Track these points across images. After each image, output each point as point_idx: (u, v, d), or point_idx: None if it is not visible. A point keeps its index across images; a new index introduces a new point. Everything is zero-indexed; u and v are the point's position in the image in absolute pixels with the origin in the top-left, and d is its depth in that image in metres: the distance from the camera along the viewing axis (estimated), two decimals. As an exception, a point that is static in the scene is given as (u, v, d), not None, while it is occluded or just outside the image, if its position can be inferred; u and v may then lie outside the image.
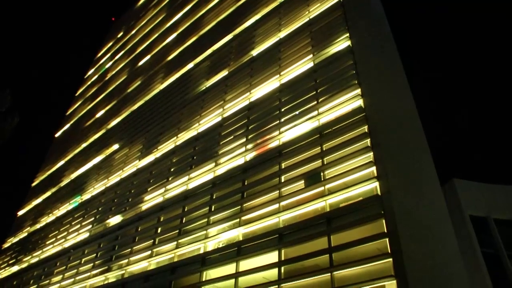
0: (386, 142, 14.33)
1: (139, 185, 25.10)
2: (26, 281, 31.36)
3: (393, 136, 15.86)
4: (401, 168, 15.01)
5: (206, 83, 25.81)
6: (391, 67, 20.30)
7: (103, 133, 37.29)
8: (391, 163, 13.79)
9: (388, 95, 18.38)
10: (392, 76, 20.42)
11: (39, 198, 42.22)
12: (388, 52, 20.10)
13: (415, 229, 13.27)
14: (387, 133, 15.00)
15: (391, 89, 19.58)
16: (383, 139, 13.92)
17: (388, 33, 20.93)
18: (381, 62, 18.87)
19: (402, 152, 16.39)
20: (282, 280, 13.27)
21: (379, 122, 14.37)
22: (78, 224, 28.91)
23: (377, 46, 19.19)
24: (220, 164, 19.41)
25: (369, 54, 17.46)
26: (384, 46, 20.12)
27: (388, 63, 20.41)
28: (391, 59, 20.61)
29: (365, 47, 17.37)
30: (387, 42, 20.35)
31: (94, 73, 55.97)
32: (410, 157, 17.42)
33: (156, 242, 20.03)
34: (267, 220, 15.18)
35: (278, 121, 17.81)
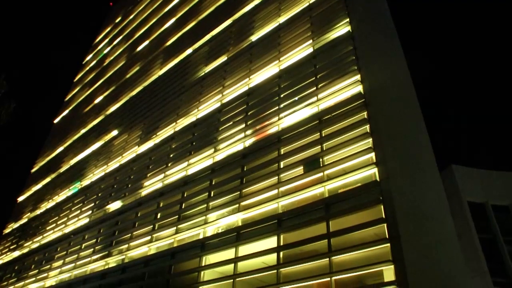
0: (385, 128, 14.32)
1: (139, 171, 25.15)
2: (27, 266, 31.65)
3: (392, 122, 15.83)
4: (400, 154, 15.01)
5: (205, 68, 25.66)
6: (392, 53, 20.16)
7: (102, 119, 37.21)
8: (390, 149, 13.79)
9: (388, 81, 18.29)
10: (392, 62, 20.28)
11: (39, 184, 42.33)
12: (389, 38, 19.94)
13: (413, 215, 13.34)
14: (386, 119, 14.97)
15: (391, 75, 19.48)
16: (382, 125, 13.91)
17: (389, 19, 20.72)
18: (381, 48, 18.74)
19: (401, 138, 16.38)
20: (281, 264, 13.40)
21: (378, 108, 14.34)
22: (78, 209, 29.05)
23: (377, 31, 19.03)
24: (219, 150, 19.42)
25: (370, 39, 17.33)
26: (384, 32, 19.95)
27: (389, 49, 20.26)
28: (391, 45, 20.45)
29: (366, 32, 17.23)
30: (387, 28, 20.17)
31: (92, 59, 55.57)
32: (409, 143, 17.43)
33: (156, 228, 20.17)
34: (266, 205, 15.27)
35: (277, 107, 17.76)
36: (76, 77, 58.02)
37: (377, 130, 13.43)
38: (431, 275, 12.66)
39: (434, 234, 15.31)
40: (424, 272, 12.03)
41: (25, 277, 30.39)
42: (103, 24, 62.46)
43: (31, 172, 48.48)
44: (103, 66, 48.02)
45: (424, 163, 18.85)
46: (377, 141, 13.16)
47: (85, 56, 60.39)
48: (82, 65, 58.99)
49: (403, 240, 10.92)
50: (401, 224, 11.29)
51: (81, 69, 58.14)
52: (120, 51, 45.50)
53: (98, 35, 60.82)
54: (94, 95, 44.18)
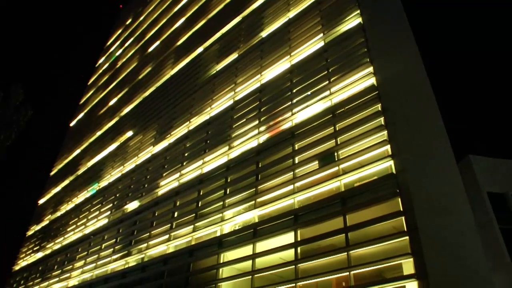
0: (400, 120, 14.16)
1: (154, 170, 25.39)
2: (50, 266, 32.30)
3: (407, 114, 15.65)
4: (415, 145, 14.85)
5: (216, 66, 25.71)
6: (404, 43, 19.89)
7: (117, 121, 37.62)
8: (406, 141, 13.65)
9: (401, 72, 18.06)
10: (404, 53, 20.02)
11: (58, 186, 43.08)
12: (400, 28, 19.68)
13: (431, 207, 13.19)
14: (400, 111, 14.80)
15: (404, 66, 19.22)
16: (396, 117, 13.77)
17: (400, 9, 20.44)
18: (393, 38, 18.51)
19: (416, 129, 16.18)
20: (298, 260, 13.41)
21: (392, 99, 14.19)
22: (97, 210, 29.50)
23: (388, 22, 18.82)
24: (233, 147, 19.48)
25: (381, 30, 17.14)
26: (396, 22, 19.70)
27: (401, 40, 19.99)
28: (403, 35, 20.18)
29: (377, 23, 17.05)
30: (399, 18, 19.90)
31: (105, 62, 56.17)
32: (424, 134, 17.21)
33: (173, 226, 20.35)
34: (282, 201, 15.27)
35: (290, 102, 17.71)
36: (90, 80, 58.73)
37: (392, 122, 13.29)
38: (451, 268, 12.51)
39: (453, 226, 15.12)
40: (444, 264, 11.90)
41: (49, 277, 31.03)
42: (114, 27, 63.04)
43: (50, 175, 49.36)
44: (116, 68, 48.49)
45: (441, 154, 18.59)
46: (392, 133, 13.03)
47: (98, 59, 61.06)
48: (95, 68, 59.66)
49: (422, 233, 10.82)
50: (419, 216, 11.19)
51: (95, 72, 58.82)
52: (132, 53, 45.89)
53: (110, 38, 61.41)
54: (108, 97, 44.68)
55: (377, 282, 11.30)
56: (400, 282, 10.73)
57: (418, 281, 10.18)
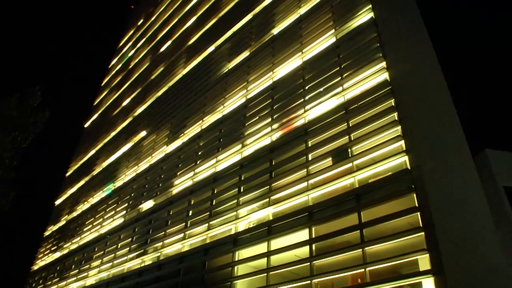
0: (414, 115, 14.03)
1: (168, 170, 25.60)
2: (68, 266, 32.83)
3: (421, 108, 15.50)
4: (430, 140, 14.70)
5: (228, 65, 25.78)
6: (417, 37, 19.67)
7: (131, 121, 38.00)
8: (420, 136, 13.52)
9: (415, 67, 17.89)
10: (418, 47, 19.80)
11: (74, 187, 43.72)
12: (413, 22, 19.48)
13: (447, 202, 13.06)
14: (415, 106, 14.67)
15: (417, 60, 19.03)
16: (411, 112, 13.64)
17: (413, 2, 20.23)
18: (406, 32, 18.32)
19: (431, 124, 16.02)
20: (313, 257, 13.40)
21: (406, 94, 14.06)
22: (113, 210, 29.87)
23: (401, 16, 18.63)
24: (246, 145, 19.53)
25: (394, 25, 16.99)
26: (408, 16, 19.51)
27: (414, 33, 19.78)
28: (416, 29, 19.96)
29: (389, 18, 16.89)
30: (411, 12, 19.71)
31: (117, 63, 56.73)
32: (439, 129, 17.02)
33: (188, 225, 20.51)
34: (296, 198, 15.26)
35: (303, 99, 17.67)
36: (103, 81, 59.40)
37: (405, 117, 13.16)
38: (468, 264, 12.37)
39: (469, 221, 14.94)
40: (460, 260, 11.77)
41: (66, 277, 31.55)
42: (126, 27, 63.62)
43: (66, 176, 50.11)
44: (129, 69, 48.95)
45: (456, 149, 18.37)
46: (406, 128, 12.91)
47: (111, 60, 61.70)
48: (108, 69, 60.30)
49: (438, 228, 10.71)
50: (435, 212, 11.08)
51: (108, 73, 59.46)
52: (144, 53, 46.26)
53: (122, 39, 62.00)
54: (122, 98, 45.13)
55: (393, 278, 11.23)
56: (416, 278, 10.65)
57: (434, 277, 10.08)
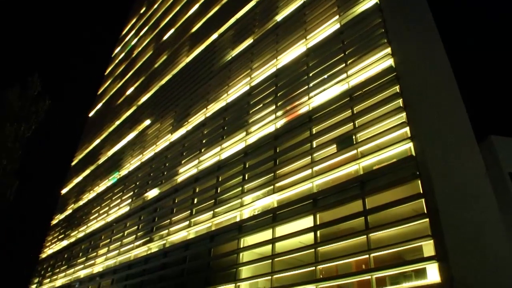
0: (419, 101, 13.97)
1: (173, 158, 25.69)
2: (75, 254, 33.23)
3: (426, 95, 15.42)
4: (435, 127, 14.65)
5: (231, 52, 25.64)
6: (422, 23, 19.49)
7: (135, 110, 38.03)
8: (425, 123, 13.48)
9: (420, 53, 17.74)
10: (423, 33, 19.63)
11: (80, 176, 44.01)
12: (418, 8, 19.27)
13: (452, 189, 13.07)
14: (420, 92, 14.59)
15: (422, 46, 18.87)
16: (416, 99, 13.57)
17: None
18: (411, 18, 18.14)
19: (436, 110, 15.95)
20: (318, 243, 13.49)
21: (411, 81, 13.97)
22: (119, 198, 30.09)
23: (406, 1, 18.41)
24: (251, 133, 19.53)
25: (398, 10, 16.80)
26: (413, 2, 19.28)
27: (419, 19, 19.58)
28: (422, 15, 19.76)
29: (394, 3, 16.68)
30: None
31: (121, 51, 56.55)
32: (444, 116, 16.95)
33: (193, 213, 20.65)
34: (300, 185, 15.31)
35: (307, 86, 17.59)
36: (107, 70, 59.31)
37: (410, 104, 13.09)
38: (472, 250, 12.43)
39: (474, 207, 14.96)
40: (465, 246, 11.82)
41: (74, 264, 31.96)
42: (129, 16, 63.22)
43: (71, 165, 50.41)
44: (132, 57, 48.81)
45: (461, 135, 18.31)
46: (411, 115, 12.84)
47: (114, 48, 61.50)
48: (112, 58, 60.15)
49: (442, 215, 10.73)
50: (439, 198, 11.09)
51: (111, 62, 59.33)
52: (147, 42, 46.05)
53: (125, 27, 61.67)
54: (125, 86, 45.10)
55: (397, 264, 11.31)
56: (420, 264, 10.71)
57: (438, 263, 10.13)
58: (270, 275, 14.59)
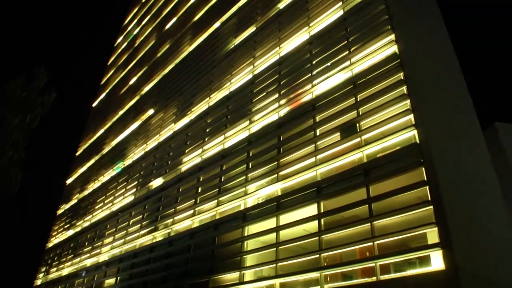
0: (424, 88, 13.86)
1: (177, 147, 25.73)
2: (81, 243, 33.55)
3: (430, 82, 15.30)
4: (440, 114, 14.56)
5: (234, 41, 25.48)
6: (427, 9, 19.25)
7: (138, 100, 38.02)
8: (430, 110, 13.39)
9: (424, 39, 17.57)
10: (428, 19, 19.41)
11: (84, 166, 44.23)
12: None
13: (456, 176, 13.03)
14: (424, 79, 14.48)
15: (427, 32, 18.68)
16: (420, 85, 13.46)
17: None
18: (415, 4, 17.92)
19: (440, 97, 15.83)
20: (322, 231, 13.52)
21: (415, 68, 13.84)
22: (123, 188, 30.25)
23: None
24: (254, 122, 19.49)
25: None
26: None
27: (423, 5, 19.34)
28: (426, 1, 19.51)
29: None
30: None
31: (123, 41, 56.34)
32: (449, 103, 16.84)
33: (197, 201, 20.74)
34: (304, 174, 15.31)
35: (310, 74, 17.48)
36: (110, 60, 59.17)
37: (415, 91, 12.98)
38: (476, 237, 12.44)
39: (478, 194, 14.93)
40: (468, 233, 11.83)
41: (80, 253, 32.29)
42: (130, 5, 62.81)
43: (75, 156, 50.63)
44: (134, 47, 48.64)
45: (466, 122, 18.21)
46: (416, 102, 12.74)
47: (116, 38, 61.27)
48: (114, 47, 59.96)
49: (447, 202, 10.72)
50: (443, 186, 11.06)
51: (114, 52, 59.15)
52: (149, 31, 45.83)
53: (127, 16, 61.33)
54: (128, 76, 45.03)
55: (402, 251, 11.33)
56: (424, 251, 10.73)
57: (442, 250, 10.13)
58: (274, 263, 14.68)
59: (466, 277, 9.77)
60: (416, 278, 10.59)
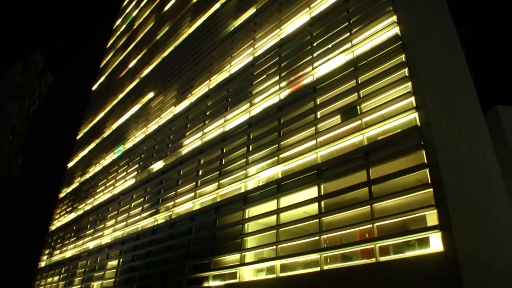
0: (425, 70, 13.75)
1: (177, 130, 25.72)
2: (83, 226, 33.86)
3: (432, 64, 15.17)
4: (441, 97, 14.49)
5: (234, 22, 25.20)
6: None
7: (138, 83, 37.83)
8: (431, 92, 13.30)
9: (427, 21, 17.36)
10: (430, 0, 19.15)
11: (85, 150, 44.32)
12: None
13: (456, 159, 13.04)
14: (426, 61, 14.35)
15: (429, 14, 18.45)
16: (421, 68, 13.34)
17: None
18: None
19: (442, 80, 15.73)
20: (322, 214, 13.61)
21: (417, 50, 13.70)
22: (124, 171, 30.37)
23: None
24: (255, 104, 19.42)
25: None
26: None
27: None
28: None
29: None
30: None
31: (122, 23, 55.76)
32: (451, 85, 16.75)
33: (198, 184, 20.83)
34: (305, 156, 15.33)
35: (311, 56, 17.34)
36: (108, 43, 58.66)
37: (416, 73, 12.87)
38: (475, 220, 12.52)
39: (478, 177, 14.98)
40: (468, 216, 11.90)
41: (83, 236, 32.63)
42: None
43: (76, 139, 50.68)
44: (133, 29, 48.15)
45: (467, 105, 18.15)
46: (417, 85, 12.66)
47: (115, 20, 60.62)
48: (113, 30, 59.38)
49: (446, 185, 10.74)
50: (443, 168, 11.07)
51: (112, 34, 58.60)
52: (148, 13, 45.28)
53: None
54: (128, 59, 44.71)
55: (401, 233, 11.42)
56: (424, 233, 10.80)
57: (441, 232, 10.20)
58: (275, 244, 14.82)
59: (465, 259, 9.87)
60: (415, 259, 10.69)
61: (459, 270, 9.37)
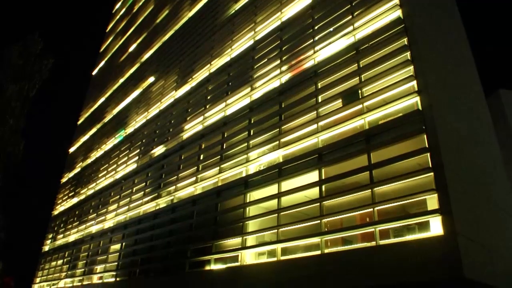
0: (428, 54, 13.63)
1: (178, 115, 25.68)
2: (86, 210, 34.13)
3: (434, 48, 15.02)
4: (443, 81, 14.38)
5: (235, 6, 24.91)
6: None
7: (138, 67, 37.62)
8: (433, 76, 13.21)
9: (429, 3, 17.13)
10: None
11: (86, 135, 44.36)
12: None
13: (458, 143, 13.01)
14: (428, 45, 14.20)
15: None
16: (424, 51, 13.22)
17: None
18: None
19: (444, 64, 15.60)
20: (323, 198, 13.67)
21: (419, 33, 13.54)
22: (126, 156, 30.44)
23: None
24: (256, 88, 19.34)
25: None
26: None
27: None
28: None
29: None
30: None
31: (121, 7, 55.13)
32: (453, 69, 16.61)
33: (200, 169, 20.89)
34: (306, 140, 15.33)
35: (312, 39, 17.18)
36: (108, 27, 58.15)
37: (418, 57, 12.76)
38: (476, 204, 12.56)
39: (479, 162, 14.97)
40: (468, 200, 11.93)
41: (85, 220, 32.91)
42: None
43: (77, 124, 50.67)
44: (133, 13, 47.65)
45: (469, 89, 18.03)
46: (419, 68, 12.55)
47: (114, 4, 59.96)
48: (112, 14, 58.78)
49: (447, 169, 10.75)
50: (444, 153, 11.06)
51: (112, 18, 58.04)
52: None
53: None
54: (128, 43, 44.38)
55: (401, 217, 11.47)
56: (423, 217, 10.85)
57: (442, 216, 10.24)
58: (276, 228, 14.93)
59: (465, 242, 9.94)
60: (415, 243, 10.76)
61: (459, 253, 9.43)
